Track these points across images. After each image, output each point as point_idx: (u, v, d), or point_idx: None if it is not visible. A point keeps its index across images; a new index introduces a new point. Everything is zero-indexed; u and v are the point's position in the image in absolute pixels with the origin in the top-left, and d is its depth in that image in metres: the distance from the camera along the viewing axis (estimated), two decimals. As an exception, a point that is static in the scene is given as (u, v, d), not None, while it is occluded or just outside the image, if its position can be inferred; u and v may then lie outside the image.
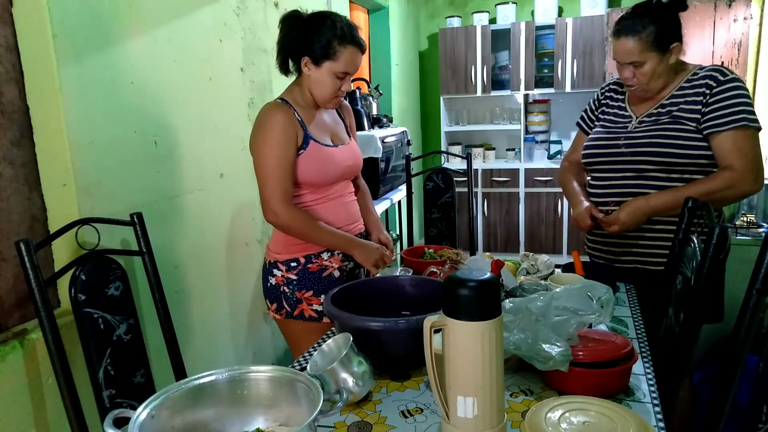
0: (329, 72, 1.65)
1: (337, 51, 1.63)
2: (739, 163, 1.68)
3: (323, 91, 1.68)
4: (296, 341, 1.79)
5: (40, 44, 1.41)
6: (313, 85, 1.68)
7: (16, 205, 1.41)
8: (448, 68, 5.02)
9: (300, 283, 1.73)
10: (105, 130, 1.58)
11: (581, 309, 1.23)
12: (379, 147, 2.89)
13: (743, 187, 1.71)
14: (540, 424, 0.94)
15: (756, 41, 4.20)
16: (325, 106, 1.76)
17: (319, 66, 1.64)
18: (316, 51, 1.63)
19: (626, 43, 1.73)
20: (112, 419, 0.88)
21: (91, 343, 1.35)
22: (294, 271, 1.73)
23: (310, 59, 1.64)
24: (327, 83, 1.66)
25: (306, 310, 1.74)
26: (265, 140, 1.61)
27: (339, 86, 1.68)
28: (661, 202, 1.73)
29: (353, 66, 1.67)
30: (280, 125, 1.61)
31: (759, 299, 1.08)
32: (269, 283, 1.77)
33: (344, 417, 1.12)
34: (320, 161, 1.68)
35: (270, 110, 1.64)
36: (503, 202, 4.98)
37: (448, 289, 0.93)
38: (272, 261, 1.75)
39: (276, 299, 1.76)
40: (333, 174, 1.72)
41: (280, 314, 1.76)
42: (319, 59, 1.64)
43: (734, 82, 1.71)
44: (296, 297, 1.74)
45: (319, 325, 1.74)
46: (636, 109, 1.88)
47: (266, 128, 1.61)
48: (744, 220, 2.85)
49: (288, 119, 1.62)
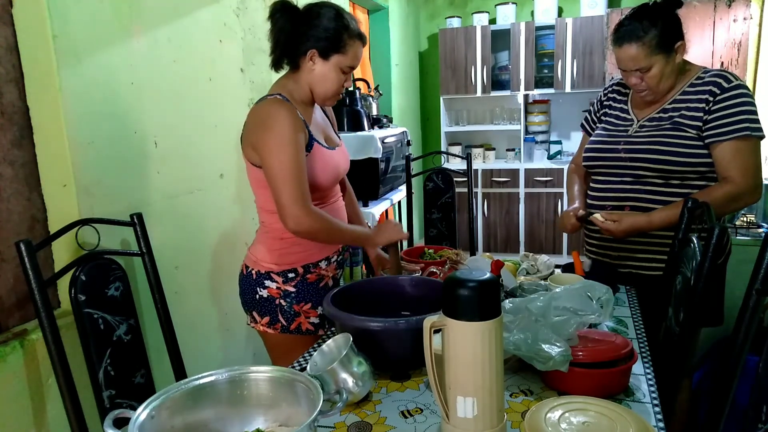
0: (336, 66, 1.55)
1: (346, 44, 1.54)
2: (739, 176, 1.66)
3: (327, 87, 1.57)
4: (285, 355, 1.61)
5: (40, 44, 1.41)
6: (316, 80, 1.56)
7: (16, 205, 1.41)
8: (448, 68, 5.02)
9: (299, 296, 1.62)
10: (105, 130, 1.58)
11: (581, 309, 1.23)
12: (379, 147, 2.89)
13: (742, 200, 1.71)
14: (540, 424, 0.94)
15: (756, 41, 4.20)
16: (324, 104, 1.66)
17: (326, 59, 1.54)
18: (324, 43, 1.52)
19: (630, 49, 1.69)
20: (112, 419, 0.88)
21: (91, 344, 1.35)
22: (292, 282, 1.61)
23: (317, 52, 1.53)
24: (332, 78, 1.56)
25: (303, 323, 1.64)
26: (278, 141, 1.45)
27: (343, 81, 1.59)
28: (661, 221, 1.71)
29: (358, 60, 1.59)
30: (291, 124, 1.47)
31: (759, 299, 1.08)
32: (258, 295, 1.62)
33: (344, 417, 1.12)
34: (322, 164, 1.58)
35: (277, 108, 1.49)
36: (503, 202, 4.98)
37: (448, 290, 0.93)
38: (263, 271, 1.61)
39: (269, 312, 1.63)
40: (332, 177, 1.64)
41: (274, 328, 1.63)
42: (328, 52, 1.53)
43: (738, 89, 1.68)
44: (294, 310, 1.62)
45: (314, 338, 1.64)
46: (638, 113, 1.86)
47: (277, 128, 1.46)
48: (744, 220, 2.85)
49: (296, 118, 1.50)
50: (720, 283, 1.85)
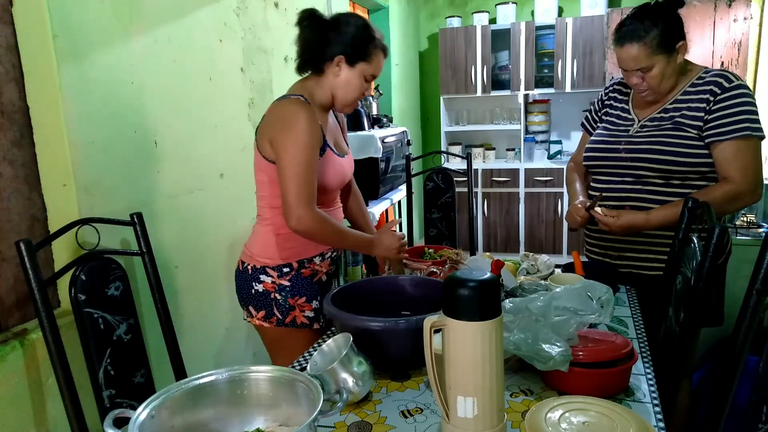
0: (360, 74, 1.62)
1: (372, 53, 1.62)
2: (738, 176, 1.66)
3: (349, 93, 1.64)
4: (282, 348, 1.70)
5: (40, 44, 1.41)
6: (340, 86, 1.63)
7: (16, 205, 1.41)
8: (448, 68, 5.02)
9: (293, 290, 1.67)
10: (105, 130, 1.58)
11: (581, 309, 1.22)
12: (379, 147, 2.89)
13: (742, 200, 1.71)
14: (540, 424, 0.94)
15: (756, 41, 4.20)
16: (342, 110, 1.72)
17: (352, 66, 1.61)
18: (352, 51, 1.59)
19: (631, 49, 1.69)
20: (112, 419, 0.88)
21: (91, 343, 1.35)
22: (287, 276, 1.66)
23: (344, 58, 1.60)
24: (356, 85, 1.63)
25: (298, 317, 1.68)
26: (296, 141, 1.51)
27: (364, 90, 1.66)
28: (659, 221, 1.71)
29: (380, 70, 1.67)
30: (309, 127, 1.53)
31: (759, 299, 1.08)
32: (254, 290, 1.67)
33: (344, 417, 1.12)
34: (331, 169, 1.65)
35: (299, 109, 1.54)
36: (503, 202, 4.98)
37: (448, 289, 0.93)
38: (258, 266, 1.66)
39: (265, 306, 1.67)
40: (339, 182, 1.71)
41: (269, 322, 1.68)
42: (355, 60, 1.60)
43: (739, 89, 1.68)
44: (289, 304, 1.67)
45: (309, 332, 1.69)
46: (639, 112, 1.86)
47: (296, 129, 1.52)
48: (744, 220, 2.85)
49: (316, 122, 1.56)
50: (720, 283, 1.85)
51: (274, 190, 1.59)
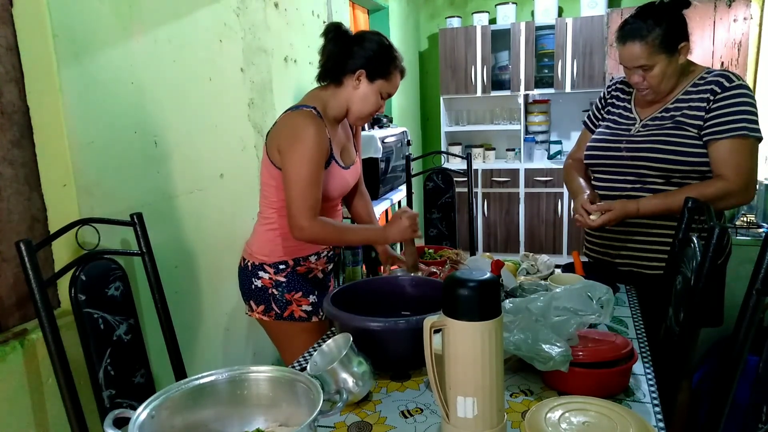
0: (378, 90, 1.67)
1: (392, 72, 1.67)
2: (732, 174, 1.66)
3: (365, 108, 1.69)
4: (285, 342, 1.79)
5: (40, 44, 1.40)
6: (356, 100, 1.67)
7: (16, 205, 1.41)
8: (448, 68, 5.02)
9: (289, 285, 1.73)
10: (105, 130, 1.58)
11: (581, 309, 1.23)
12: (379, 147, 2.90)
13: (734, 198, 1.71)
14: (540, 424, 0.94)
15: (756, 41, 4.20)
16: (355, 122, 1.77)
17: (372, 82, 1.66)
18: (374, 67, 1.64)
19: (633, 48, 1.69)
20: (112, 419, 0.88)
21: (91, 344, 1.35)
22: (283, 273, 1.73)
23: (365, 73, 1.64)
24: (372, 101, 1.68)
25: (296, 311, 1.74)
26: (303, 155, 1.56)
27: (379, 106, 1.71)
28: (650, 210, 1.73)
29: (395, 90, 1.73)
30: (318, 142, 1.57)
31: (759, 299, 1.08)
32: (254, 285, 1.75)
33: (344, 417, 1.12)
34: (333, 182, 1.69)
35: (309, 123, 1.58)
36: (503, 202, 4.98)
37: (448, 289, 0.93)
38: (257, 263, 1.74)
39: (263, 301, 1.75)
40: (339, 193, 1.76)
41: (269, 316, 1.75)
42: (375, 76, 1.65)
43: (739, 89, 1.68)
44: (286, 299, 1.73)
45: (309, 324, 1.75)
46: (641, 112, 1.86)
47: (306, 142, 1.56)
48: (744, 220, 2.85)
49: (324, 137, 1.60)
50: (720, 283, 1.85)
51: (280, 195, 1.65)
